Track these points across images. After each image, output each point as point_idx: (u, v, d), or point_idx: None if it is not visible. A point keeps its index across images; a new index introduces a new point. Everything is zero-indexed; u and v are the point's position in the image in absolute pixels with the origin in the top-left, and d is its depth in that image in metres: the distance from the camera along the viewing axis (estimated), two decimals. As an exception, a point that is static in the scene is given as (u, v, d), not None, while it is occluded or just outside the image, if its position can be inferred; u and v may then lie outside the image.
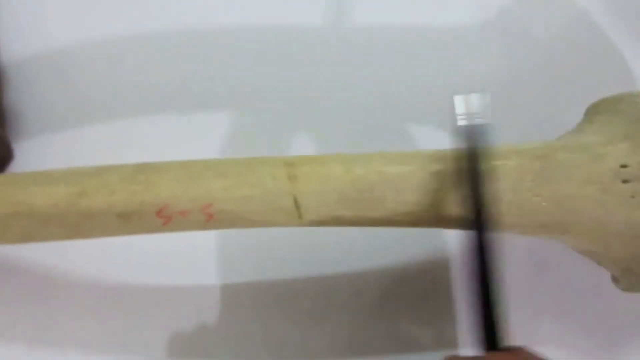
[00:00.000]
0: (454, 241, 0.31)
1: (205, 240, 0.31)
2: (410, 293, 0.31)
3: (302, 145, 0.31)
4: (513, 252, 0.31)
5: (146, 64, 0.32)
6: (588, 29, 0.34)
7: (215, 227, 0.24)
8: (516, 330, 0.31)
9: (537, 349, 0.24)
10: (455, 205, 0.23)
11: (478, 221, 0.21)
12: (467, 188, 0.22)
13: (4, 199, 0.24)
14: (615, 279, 0.26)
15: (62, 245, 0.26)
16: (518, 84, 0.33)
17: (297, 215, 0.23)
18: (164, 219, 0.23)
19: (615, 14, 0.34)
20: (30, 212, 0.24)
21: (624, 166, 0.23)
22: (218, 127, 0.31)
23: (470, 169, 0.22)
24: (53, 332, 0.30)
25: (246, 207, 0.23)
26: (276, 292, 0.31)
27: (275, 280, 0.31)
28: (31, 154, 0.31)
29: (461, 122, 0.22)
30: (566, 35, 0.34)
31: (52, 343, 0.30)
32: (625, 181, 0.23)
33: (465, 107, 0.22)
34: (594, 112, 0.26)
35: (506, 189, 0.23)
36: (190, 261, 0.31)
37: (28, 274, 0.31)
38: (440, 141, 0.32)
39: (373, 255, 0.31)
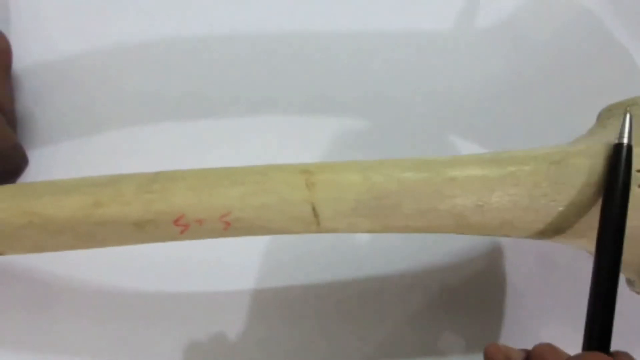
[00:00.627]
0: (472, 245, 0.31)
1: (223, 246, 0.31)
2: (438, 297, 0.31)
3: (317, 150, 0.31)
4: (522, 252, 0.31)
5: (156, 71, 0.32)
6: (598, 33, 0.34)
7: (233, 235, 0.24)
8: (526, 330, 0.31)
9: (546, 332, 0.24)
10: (470, 211, 0.23)
11: (613, 233, 0.22)
12: (609, 203, 0.22)
13: (17, 210, 0.24)
14: (630, 282, 0.26)
15: (75, 252, 0.26)
16: (529, 89, 0.33)
17: (315, 223, 0.23)
18: (181, 227, 0.23)
19: (625, 17, 0.34)
20: (44, 222, 0.24)
21: (639, 171, 0.23)
22: (230, 133, 0.31)
23: (616, 186, 0.22)
24: (63, 340, 0.30)
25: (264, 215, 0.23)
26: (296, 297, 0.31)
27: (296, 285, 0.31)
28: (42, 162, 0.31)
29: (621, 140, 0.23)
30: (576, 40, 0.34)
31: (62, 352, 0.30)
32: (640, 186, 0.23)
33: (629, 125, 0.23)
34: (607, 116, 0.26)
35: (522, 194, 0.23)
36: (207, 267, 0.31)
37: (38, 281, 0.31)
38: (452, 146, 0.32)
39: (396, 259, 0.31)
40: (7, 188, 0.25)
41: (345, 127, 0.32)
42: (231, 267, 0.31)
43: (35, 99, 0.31)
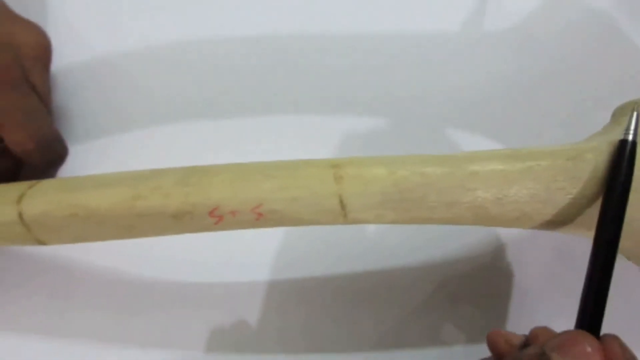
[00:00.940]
0: (486, 238, 0.32)
1: (249, 237, 0.32)
2: (451, 289, 0.32)
3: (340, 147, 0.33)
4: (538, 243, 0.32)
5: (188, 71, 0.34)
6: (611, 31, 0.35)
7: (264, 226, 0.25)
8: (541, 321, 0.32)
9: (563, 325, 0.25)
10: (490, 203, 0.25)
11: (612, 224, 0.23)
12: (609, 198, 0.23)
13: (62, 202, 0.25)
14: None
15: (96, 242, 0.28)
16: (543, 87, 0.34)
17: (343, 215, 0.24)
18: (216, 218, 0.25)
19: (637, 14, 0.35)
20: (87, 214, 0.25)
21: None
22: (257, 131, 0.33)
23: (619, 182, 0.23)
24: (84, 328, 0.32)
25: (294, 207, 0.24)
26: (311, 288, 0.32)
27: (311, 276, 0.32)
28: (76, 160, 0.33)
29: (627, 136, 0.24)
30: (590, 38, 0.35)
31: (83, 338, 0.32)
32: (654, 180, 0.24)
33: (635, 122, 0.24)
34: (620, 113, 0.27)
35: (540, 187, 0.24)
36: (226, 259, 0.33)
37: (60, 269, 0.32)
38: (467, 144, 0.33)
39: (409, 251, 0.32)
40: (52, 182, 0.27)
41: (366, 125, 0.34)
42: (249, 259, 0.33)
43: (67, 98, 0.32)
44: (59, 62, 0.33)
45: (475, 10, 0.35)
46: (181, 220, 0.25)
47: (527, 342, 0.24)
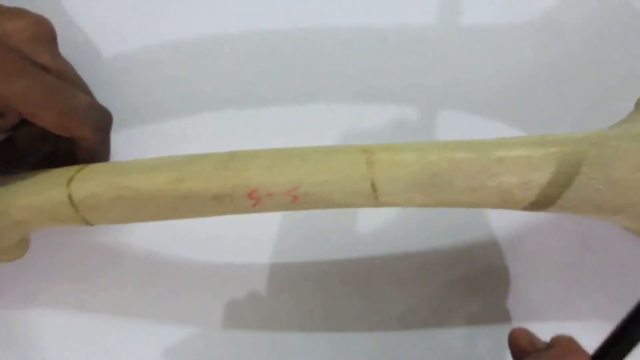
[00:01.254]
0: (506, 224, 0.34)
1: (273, 221, 0.34)
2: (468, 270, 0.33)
3: (372, 135, 0.34)
4: (562, 230, 0.33)
5: (223, 62, 0.35)
6: (634, 19, 0.35)
7: (299, 208, 0.27)
8: (564, 308, 0.33)
9: (583, 325, 0.26)
10: (515, 188, 0.26)
11: None
12: None
13: (109, 184, 0.27)
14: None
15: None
16: (567, 76, 0.35)
17: (374, 198, 0.26)
18: (254, 200, 0.26)
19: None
20: (133, 196, 0.27)
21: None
22: (291, 120, 0.34)
23: None
24: (112, 306, 0.34)
25: (327, 190, 0.26)
26: (323, 271, 0.34)
27: (323, 260, 0.34)
28: (117, 149, 0.34)
29: None
30: (613, 27, 0.35)
31: (111, 316, 0.34)
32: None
33: None
34: (644, 102, 0.28)
35: (564, 172, 0.26)
36: (259, 241, 0.34)
37: (90, 249, 0.35)
38: (492, 131, 0.34)
39: (424, 236, 0.34)
40: (99, 166, 0.28)
41: (394, 114, 0.35)
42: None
43: (103, 90, 0.33)
44: (94, 56, 0.34)
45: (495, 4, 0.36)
46: (221, 202, 0.26)
47: (549, 348, 0.25)
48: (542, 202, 0.26)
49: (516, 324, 0.33)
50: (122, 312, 0.34)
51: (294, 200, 0.26)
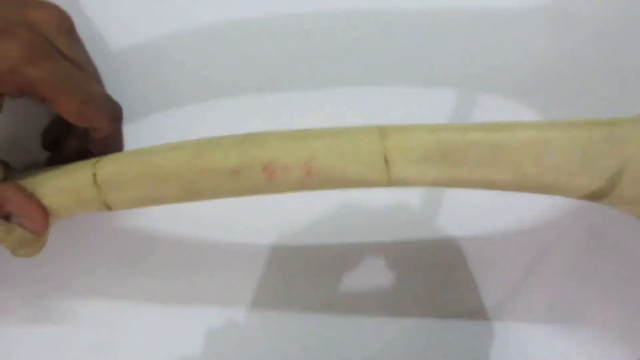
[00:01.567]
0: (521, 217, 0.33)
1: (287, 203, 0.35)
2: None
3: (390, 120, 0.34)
4: (569, 219, 0.32)
5: (239, 50, 0.35)
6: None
7: (312, 187, 0.27)
8: (573, 298, 0.31)
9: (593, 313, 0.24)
10: (530, 169, 0.26)
11: None
12: None
13: (132, 161, 0.28)
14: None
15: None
16: (584, 65, 0.35)
17: (386, 172, 0.26)
18: (268, 173, 0.27)
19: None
20: (154, 171, 0.28)
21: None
22: (304, 109, 0.35)
23: None
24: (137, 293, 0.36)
25: (341, 163, 0.26)
26: (317, 257, 0.35)
27: (318, 245, 0.35)
28: (128, 140, 0.34)
29: None
30: (632, 16, 0.35)
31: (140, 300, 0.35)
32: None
33: None
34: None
35: (579, 155, 0.26)
36: (273, 224, 0.36)
37: (119, 237, 0.36)
38: (501, 113, 0.35)
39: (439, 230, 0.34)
40: (126, 152, 0.30)
41: (410, 99, 0.35)
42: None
43: (113, 81, 0.34)
44: (103, 48, 0.35)
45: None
46: (238, 177, 0.27)
47: None
48: (557, 187, 0.26)
49: (517, 320, 0.32)
50: (153, 297, 0.35)
51: (308, 174, 0.27)
